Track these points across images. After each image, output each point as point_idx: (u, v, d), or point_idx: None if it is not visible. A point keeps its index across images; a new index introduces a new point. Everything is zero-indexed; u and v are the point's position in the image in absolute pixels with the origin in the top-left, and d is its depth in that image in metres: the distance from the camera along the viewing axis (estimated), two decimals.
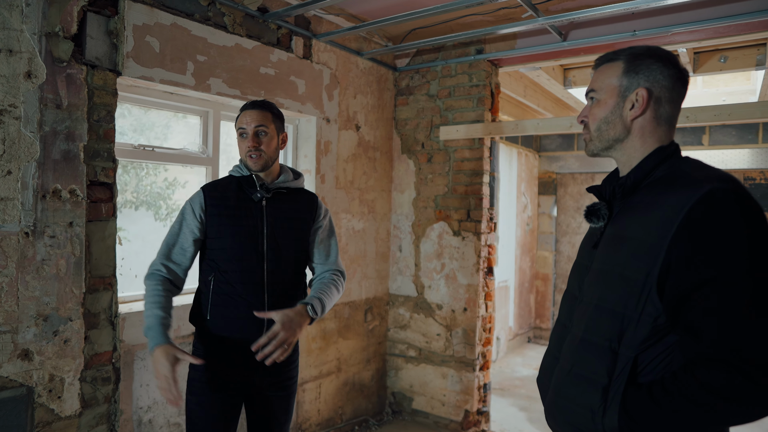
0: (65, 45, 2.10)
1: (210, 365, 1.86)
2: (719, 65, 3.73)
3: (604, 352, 1.10)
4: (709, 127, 5.25)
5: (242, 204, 1.90)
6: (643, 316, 1.05)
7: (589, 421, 1.09)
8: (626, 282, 1.08)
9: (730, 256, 0.97)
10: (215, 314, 1.86)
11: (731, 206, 0.99)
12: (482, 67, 3.57)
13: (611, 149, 1.23)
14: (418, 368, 3.84)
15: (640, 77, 1.17)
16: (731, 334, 0.95)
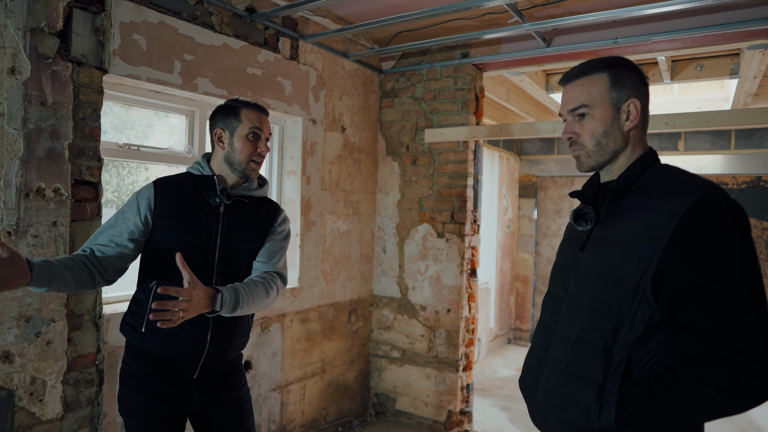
0: (50, 41, 2.07)
1: (142, 384, 1.68)
2: (695, 73, 3.84)
3: (599, 351, 1.13)
4: (685, 133, 5.40)
5: (197, 207, 1.72)
6: (637, 315, 1.10)
7: (585, 419, 1.11)
8: (620, 283, 1.12)
9: (725, 258, 1.03)
10: (152, 328, 1.64)
11: (723, 211, 1.05)
12: (467, 71, 3.62)
13: (611, 162, 1.25)
14: (402, 369, 3.86)
15: (627, 88, 1.21)
16: (730, 332, 1.01)
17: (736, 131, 5.25)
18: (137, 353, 1.69)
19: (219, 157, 1.79)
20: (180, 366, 1.69)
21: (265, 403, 3.11)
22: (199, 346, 1.67)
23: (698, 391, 1.01)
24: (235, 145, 1.75)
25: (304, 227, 3.35)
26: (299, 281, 3.32)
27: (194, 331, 1.67)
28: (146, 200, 1.69)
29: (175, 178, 1.77)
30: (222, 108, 1.80)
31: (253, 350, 3.02)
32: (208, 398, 1.75)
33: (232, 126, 1.76)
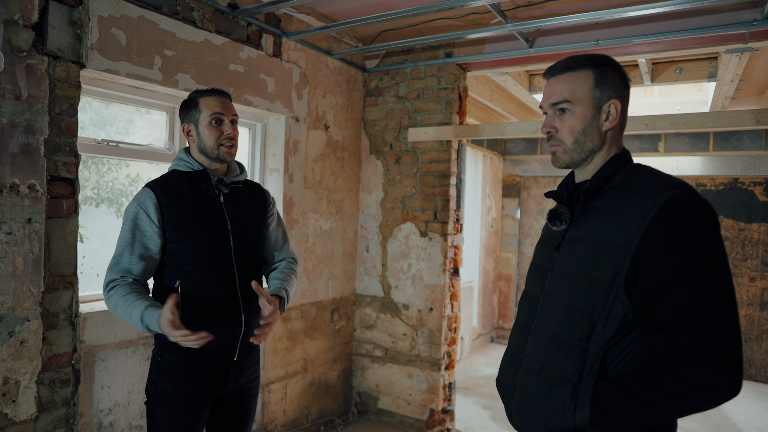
0: (25, 34, 2.02)
1: (183, 378, 1.74)
2: (675, 76, 3.90)
3: (574, 350, 1.14)
4: (665, 135, 5.48)
5: (200, 202, 1.77)
6: (611, 314, 1.11)
7: (560, 418, 1.12)
8: (595, 282, 1.13)
9: (696, 257, 1.05)
10: (189, 324, 1.67)
11: (693, 210, 1.07)
12: (451, 71, 3.63)
13: (586, 161, 1.25)
14: (384, 368, 3.86)
15: (609, 88, 1.22)
16: (701, 329, 1.02)
17: (714, 134, 5.35)
18: (178, 348, 1.70)
19: (194, 149, 1.83)
20: (222, 351, 1.77)
21: None
22: (236, 329, 1.78)
23: (671, 388, 1.02)
24: (202, 135, 1.78)
25: (287, 226, 3.32)
26: None
27: (229, 318, 1.76)
28: (153, 207, 1.70)
29: (168, 178, 1.79)
30: (184, 103, 1.84)
31: None
32: (241, 375, 1.85)
33: (194, 118, 1.80)
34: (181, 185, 1.76)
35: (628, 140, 5.51)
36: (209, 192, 1.79)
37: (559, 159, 1.27)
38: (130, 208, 1.73)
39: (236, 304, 1.79)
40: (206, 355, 1.74)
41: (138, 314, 1.60)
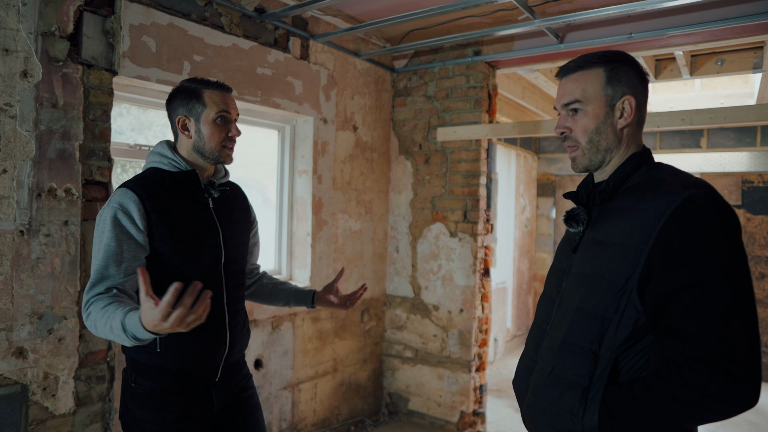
0: (61, 44, 2.11)
1: (161, 405, 1.52)
2: (716, 68, 3.73)
3: (584, 354, 1.11)
4: (708, 129, 5.25)
5: (190, 207, 1.56)
6: (623, 318, 1.07)
7: (569, 422, 1.10)
8: (607, 285, 1.10)
9: (710, 261, 1.00)
10: (168, 345, 1.50)
11: (710, 212, 1.02)
12: (480, 69, 3.58)
13: (604, 162, 1.21)
14: (415, 369, 3.84)
15: (623, 85, 1.18)
16: (714, 336, 0.98)
17: (762, 128, 5.09)
18: (152, 372, 1.52)
19: (186, 146, 1.60)
20: (203, 374, 1.58)
21: (276, 402, 3.13)
22: (220, 349, 1.59)
23: (682, 396, 0.99)
24: (203, 133, 1.57)
25: (316, 227, 3.36)
26: (310, 280, 3.33)
27: (213, 336, 1.57)
28: (137, 210, 1.45)
29: (150, 179, 1.54)
30: (180, 91, 1.59)
31: (264, 349, 3.04)
32: (227, 396, 1.66)
33: (196, 111, 1.56)
34: (167, 187, 1.53)
35: (667, 136, 5.31)
36: (199, 196, 1.58)
37: (578, 163, 1.24)
38: (108, 213, 1.45)
39: (222, 321, 1.59)
40: (186, 378, 1.54)
41: (118, 324, 1.30)
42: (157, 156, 1.59)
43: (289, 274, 3.40)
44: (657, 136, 5.33)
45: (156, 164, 1.58)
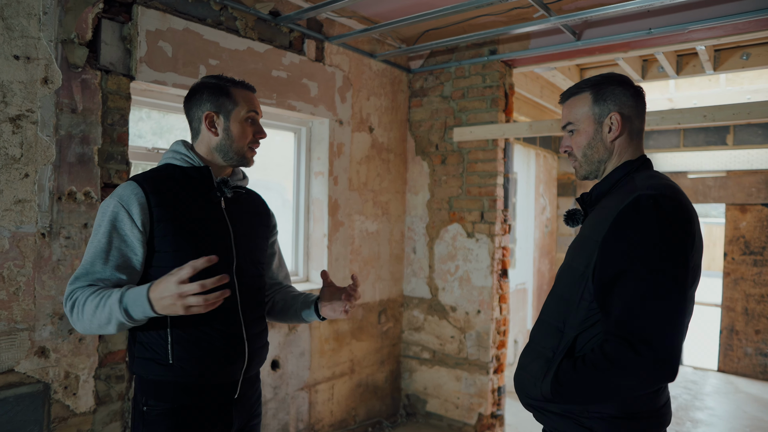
0: (80, 51, 2.16)
1: (177, 427, 1.40)
2: (741, 62, 3.63)
3: (554, 331, 1.30)
4: (734, 126, 5.12)
5: (199, 205, 1.45)
6: (581, 301, 1.25)
7: (533, 386, 1.28)
8: (572, 272, 1.30)
9: (636, 254, 1.16)
10: (181, 356, 1.38)
11: (649, 211, 1.17)
12: (496, 68, 3.55)
13: (600, 171, 1.38)
14: (432, 370, 3.83)
15: (609, 103, 1.34)
16: (628, 316, 1.14)
17: None
18: (165, 390, 1.39)
19: (209, 144, 1.51)
20: (221, 389, 1.46)
21: (293, 402, 3.15)
22: (239, 361, 1.47)
23: (600, 365, 1.15)
24: (232, 131, 1.49)
25: (332, 228, 3.37)
26: None
27: (230, 347, 1.45)
28: (137, 206, 1.36)
29: (158, 173, 1.45)
30: (207, 87, 1.50)
31: (281, 350, 3.06)
32: (245, 416, 1.54)
33: (226, 109, 1.49)
34: (176, 181, 1.45)
35: (691, 134, 5.19)
36: (211, 193, 1.48)
37: (578, 173, 1.43)
38: (108, 206, 1.37)
39: (238, 331, 1.47)
40: (203, 395, 1.42)
41: (116, 299, 1.26)
42: (171, 153, 1.51)
43: (305, 275, 3.42)
44: (680, 133, 5.21)
45: (169, 160, 1.50)
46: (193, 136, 1.54)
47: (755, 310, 5.23)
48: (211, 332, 1.41)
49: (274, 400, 3.04)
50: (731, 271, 5.38)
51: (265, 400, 2.98)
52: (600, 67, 4.22)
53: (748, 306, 5.27)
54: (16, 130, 2.00)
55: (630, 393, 1.17)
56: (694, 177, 5.60)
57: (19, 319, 2.02)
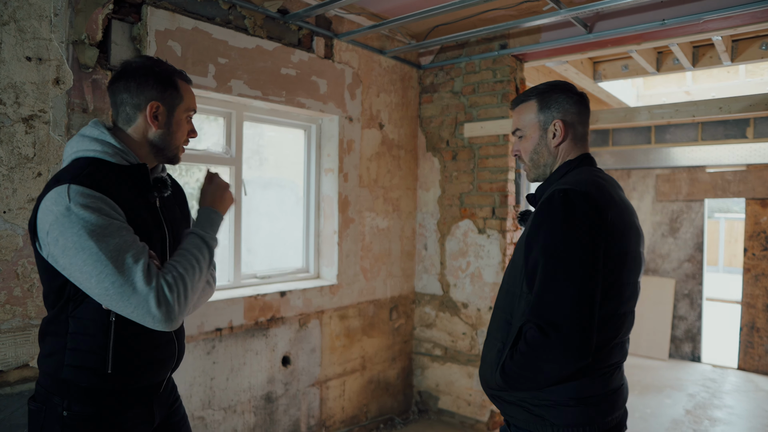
0: (91, 52, 2.19)
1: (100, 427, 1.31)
2: (761, 53, 3.54)
3: (503, 323, 1.40)
4: (754, 119, 5.00)
5: (138, 205, 1.34)
6: (522, 292, 1.34)
7: (490, 375, 1.38)
8: (514, 267, 1.41)
9: (546, 241, 1.26)
10: (120, 365, 1.31)
11: (557, 204, 1.27)
12: (506, 63, 3.52)
13: (546, 174, 1.49)
14: (444, 367, 3.82)
15: (552, 111, 1.45)
16: (537, 302, 1.25)
17: None
18: (94, 396, 1.30)
19: (145, 135, 1.39)
20: (150, 388, 1.41)
21: (304, 399, 3.17)
22: (170, 362, 1.45)
23: (523, 350, 1.25)
24: (174, 126, 1.40)
25: (342, 225, 3.38)
26: (338, 278, 3.35)
27: (166, 350, 1.42)
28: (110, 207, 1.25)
29: (94, 173, 1.27)
30: (154, 73, 1.36)
31: (292, 346, 3.08)
32: (165, 408, 1.50)
33: (172, 102, 1.39)
34: (114, 183, 1.29)
35: (709, 127, 5.07)
36: (148, 194, 1.38)
37: (528, 176, 1.54)
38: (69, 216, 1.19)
39: (170, 334, 1.44)
40: (127, 397, 1.35)
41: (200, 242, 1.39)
42: (95, 144, 1.31)
43: (316, 272, 3.43)
44: (698, 126, 5.10)
45: (95, 154, 1.30)
46: (122, 121, 1.38)
47: None
48: (148, 340, 1.36)
49: (285, 396, 3.06)
50: (751, 267, 5.27)
51: (275, 396, 3.01)
52: (615, 60, 4.16)
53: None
54: (29, 130, 2.03)
55: (554, 375, 1.24)
56: (712, 171, 5.49)
57: (33, 315, 2.06)
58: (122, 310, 1.22)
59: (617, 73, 4.11)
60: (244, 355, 2.83)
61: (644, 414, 4.13)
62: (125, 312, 1.22)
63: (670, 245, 5.77)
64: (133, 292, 1.19)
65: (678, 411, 4.21)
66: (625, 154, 5.96)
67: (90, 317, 1.29)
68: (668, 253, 5.78)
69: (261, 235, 3.21)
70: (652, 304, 5.78)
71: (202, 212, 1.45)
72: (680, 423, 3.97)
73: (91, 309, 1.28)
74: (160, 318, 1.22)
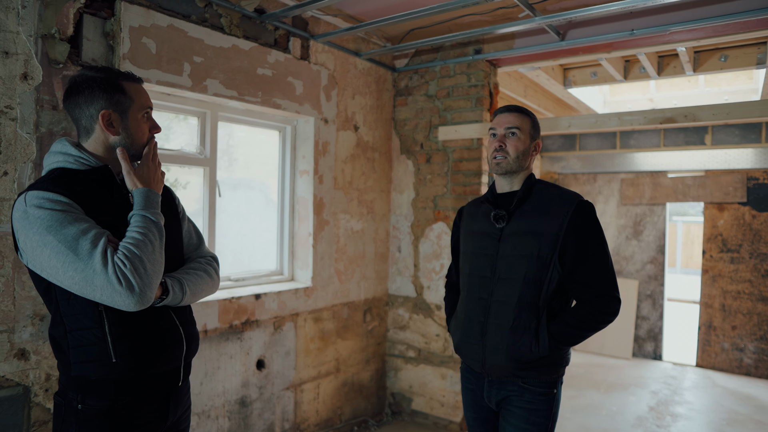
0: (61, 47, 2.12)
1: (114, 425, 1.37)
2: (720, 64, 3.71)
3: (533, 307, 1.75)
4: (712, 126, 5.22)
5: (110, 204, 1.41)
6: (551, 279, 1.75)
7: (529, 352, 1.74)
8: (540, 260, 1.74)
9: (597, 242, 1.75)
10: (124, 352, 1.35)
11: (592, 210, 1.78)
12: (481, 67, 3.57)
13: (516, 173, 1.85)
14: (418, 369, 3.84)
15: (538, 133, 1.90)
16: (606, 282, 1.74)
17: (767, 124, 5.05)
18: (106, 388, 1.35)
19: (105, 143, 1.42)
20: (164, 378, 1.46)
21: (278, 402, 3.13)
22: (179, 347, 1.48)
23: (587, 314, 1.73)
24: (132, 128, 1.43)
25: (317, 227, 3.36)
26: (312, 281, 3.33)
27: (168, 336, 1.45)
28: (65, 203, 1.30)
29: (58, 178, 1.34)
30: (97, 82, 1.39)
31: (266, 349, 3.05)
32: (180, 407, 1.54)
33: (122, 106, 1.41)
34: (82, 184, 1.36)
35: (671, 134, 5.28)
36: (117, 193, 1.43)
37: (501, 166, 1.83)
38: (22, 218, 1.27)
39: (171, 319, 1.48)
40: (145, 389, 1.41)
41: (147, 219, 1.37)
42: (59, 156, 1.39)
43: (290, 274, 3.40)
44: (661, 133, 5.30)
45: (60, 164, 1.38)
46: (82, 134, 1.43)
47: (732, 307, 5.35)
48: (146, 325, 1.40)
49: (259, 400, 3.02)
50: (709, 269, 5.50)
51: (250, 400, 2.96)
52: (584, 67, 4.27)
53: (725, 302, 5.39)
54: None
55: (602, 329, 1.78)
56: (673, 176, 5.70)
57: None
58: (92, 294, 1.26)
59: (586, 80, 4.23)
60: (218, 359, 2.78)
61: (611, 411, 4.25)
62: (95, 296, 1.26)
63: (633, 247, 5.96)
64: (95, 274, 1.24)
65: (642, 408, 4.35)
66: (592, 159, 6.13)
67: (81, 311, 1.34)
68: (632, 255, 5.97)
69: (230, 237, 3.15)
70: None
71: (137, 193, 1.41)
72: (645, 419, 4.10)
73: (79, 303, 1.33)
74: (126, 294, 1.25)
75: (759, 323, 5.22)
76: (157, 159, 1.50)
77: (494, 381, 1.84)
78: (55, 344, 1.40)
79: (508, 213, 1.82)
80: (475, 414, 1.97)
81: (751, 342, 5.25)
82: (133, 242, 1.30)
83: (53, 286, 1.34)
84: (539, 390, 1.78)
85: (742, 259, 5.30)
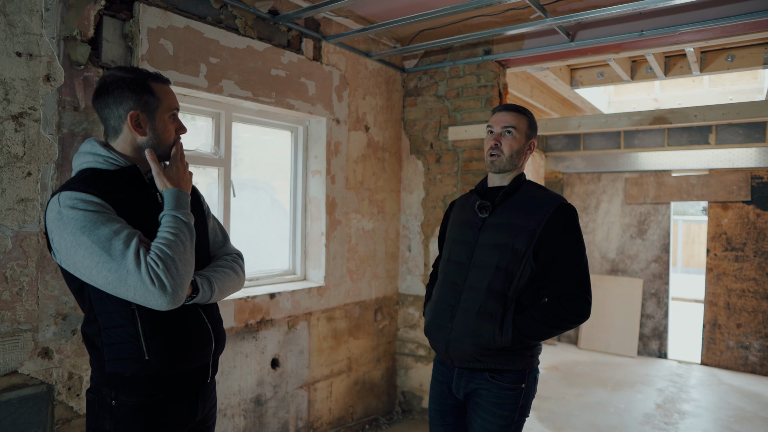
0: (82, 48, 2.14)
1: (148, 421, 1.39)
2: (726, 64, 3.74)
3: (501, 296, 1.79)
4: (716, 126, 5.26)
5: (139, 203, 1.43)
6: (523, 273, 1.78)
7: (492, 341, 1.76)
8: (514, 252, 1.79)
9: (572, 241, 1.79)
10: (157, 350, 1.38)
11: (572, 212, 1.83)
12: (490, 68, 3.60)
13: (509, 171, 1.91)
14: (428, 367, 3.86)
15: (534, 132, 1.94)
16: (577, 281, 1.77)
17: None
18: (140, 385, 1.38)
19: (133, 144, 1.43)
20: (195, 375, 1.49)
21: (292, 401, 3.16)
22: (208, 344, 1.51)
23: (562, 315, 1.75)
24: (159, 129, 1.44)
25: (330, 226, 3.38)
26: (325, 280, 3.35)
27: (197, 333, 1.48)
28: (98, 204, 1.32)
29: (89, 178, 1.36)
30: (126, 83, 1.40)
31: (281, 348, 3.07)
32: (207, 405, 1.56)
33: (150, 107, 1.43)
34: (112, 184, 1.38)
35: (675, 133, 5.31)
36: (146, 192, 1.45)
37: (495, 163, 1.89)
38: (67, 215, 1.28)
39: (199, 316, 1.50)
40: (177, 386, 1.44)
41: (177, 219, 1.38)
42: (89, 156, 1.40)
43: (303, 273, 3.42)
44: (665, 132, 5.33)
45: (90, 164, 1.40)
46: (110, 134, 1.44)
47: (736, 305, 5.39)
48: (177, 323, 1.42)
49: (274, 398, 3.04)
50: (714, 267, 5.53)
51: (265, 398, 2.98)
52: (591, 68, 4.31)
53: (729, 300, 5.42)
54: (19, 128, 1.97)
55: (570, 329, 1.82)
56: (677, 175, 5.74)
57: (22, 320, 1.99)
58: (125, 294, 1.28)
59: (593, 80, 4.26)
60: (234, 358, 2.80)
61: (618, 409, 4.28)
62: (128, 296, 1.28)
63: (638, 246, 5.99)
64: (128, 274, 1.26)
65: (649, 405, 4.38)
66: (596, 158, 6.17)
67: (114, 310, 1.36)
68: (636, 253, 6.00)
69: (235, 237, 3.16)
70: (621, 304, 5.99)
71: (168, 193, 1.42)
72: (652, 417, 4.13)
73: (112, 302, 1.35)
74: (159, 293, 1.27)
75: (764, 321, 5.25)
76: (185, 159, 1.52)
77: (463, 372, 1.85)
78: (88, 342, 1.42)
79: (493, 205, 1.88)
80: (437, 406, 1.98)
81: (756, 340, 5.28)
82: (166, 242, 1.32)
83: (86, 285, 1.36)
84: (506, 385, 1.81)
85: (746, 258, 5.34)
